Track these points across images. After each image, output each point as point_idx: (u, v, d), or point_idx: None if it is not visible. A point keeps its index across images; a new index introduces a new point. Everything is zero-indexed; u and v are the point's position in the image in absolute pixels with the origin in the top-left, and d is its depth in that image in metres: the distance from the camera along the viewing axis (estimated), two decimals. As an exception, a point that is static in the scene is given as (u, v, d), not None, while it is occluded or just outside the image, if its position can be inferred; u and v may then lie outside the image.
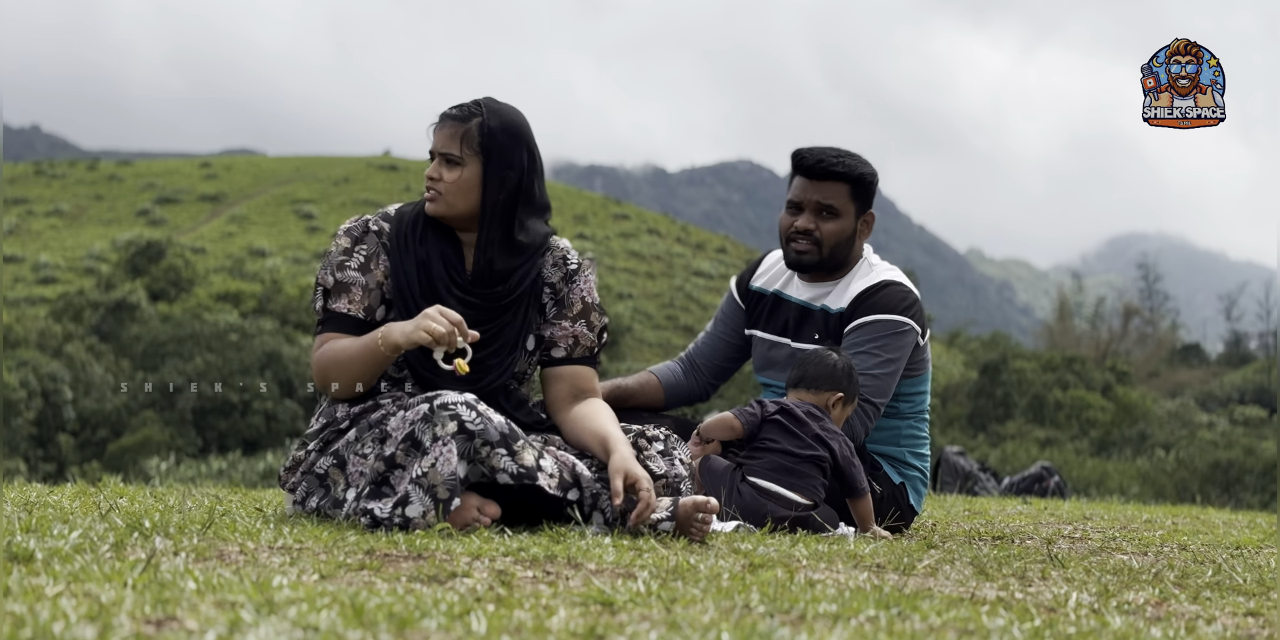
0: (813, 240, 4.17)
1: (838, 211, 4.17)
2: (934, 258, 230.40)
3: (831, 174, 4.17)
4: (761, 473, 3.72)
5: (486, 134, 3.43)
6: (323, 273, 3.41)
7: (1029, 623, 2.11)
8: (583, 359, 3.55)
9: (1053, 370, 36.48)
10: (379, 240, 3.44)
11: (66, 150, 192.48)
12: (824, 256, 4.17)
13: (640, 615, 1.96)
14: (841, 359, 3.93)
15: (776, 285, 4.32)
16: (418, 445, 3.11)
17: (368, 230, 3.45)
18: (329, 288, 3.38)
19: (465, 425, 3.08)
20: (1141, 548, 3.87)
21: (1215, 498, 20.96)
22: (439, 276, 3.42)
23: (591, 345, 3.55)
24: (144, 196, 63.21)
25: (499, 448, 3.09)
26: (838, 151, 4.21)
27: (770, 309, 4.31)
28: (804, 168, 4.20)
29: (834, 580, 2.53)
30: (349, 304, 3.37)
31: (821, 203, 4.16)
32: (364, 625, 1.73)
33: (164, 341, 34.58)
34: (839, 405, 3.89)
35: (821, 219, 4.17)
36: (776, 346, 4.25)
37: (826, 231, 4.17)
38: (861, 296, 4.14)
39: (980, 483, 12.19)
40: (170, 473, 23.28)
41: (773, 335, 4.28)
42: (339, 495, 3.23)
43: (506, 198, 3.44)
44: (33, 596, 1.82)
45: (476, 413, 3.11)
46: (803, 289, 4.26)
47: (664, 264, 62.54)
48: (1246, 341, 59.85)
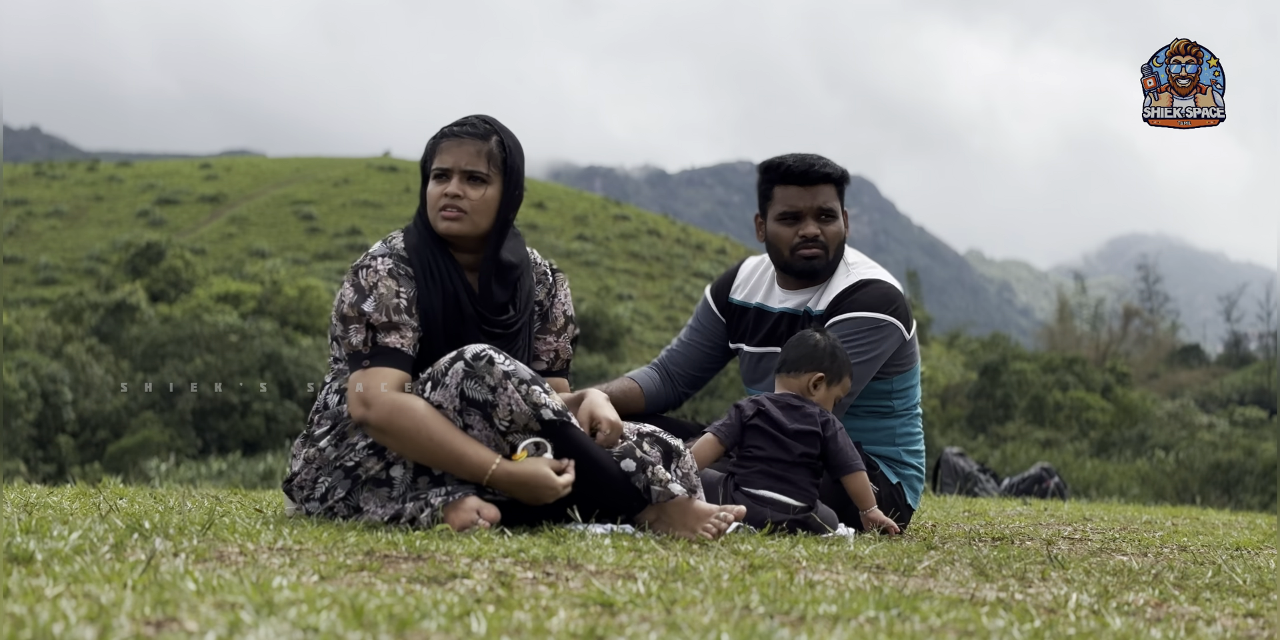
0: (820, 245, 4.19)
1: (835, 213, 4.21)
2: (934, 259, 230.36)
3: (822, 177, 4.20)
4: (752, 480, 3.71)
5: (507, 152, 3.45)
6: (373, 310, 3.32)
7: (1029, 624, 2.10)
8: (560, 371, 3.68)
9: (1052, 371, 36.47)
10: (410, 279, 3.40)
11: (66, 151, 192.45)
12: (830, 259, 4.20)
13: (640, 616, 1.96)
14: (824, 338, 3.87)
15: (758, 298, 4.32)
16: (474, 403, 3.18)
17: (404, 272, 3.40)
18: (379, 325, 3.32)
19: (501, 365, 3.18)
20: (1141, 549, 3.87)
21: (1215, 499, 20.96)
22: (467, 310, 3.43)
23: (568, 357, 3.69)
24: (144, 197, 63.20)
25: (534, 385, 3.20)
26: (813, 155, 4.26)
27: (754, 322, 4.30)
28: (793, 175, 4.21)
29: (834, 581, 2.53)
30: (401, 339, 3.33)
31: (822, 207, 4.19)
32: (364, 626, 1.73)
33: (164, 342, 34.57)
34: (821, 386, 3.83)
35: (824, 223, 4.20)
36: (769, 357, 4.22)
37: (831, 234, 4.19)
38: (840, 296, 4.14)
39: (980, 484, 12.18)
40: (170, 474, 23.29)
41: (761, 348, 4.26)
42: (380, 475, 3.26)
43: (511, 217, 3.49)
44: (33, 597, 1.81)
45: (504, 355, 3.23)
46: (785, 297, 4.26)
47: (664, 265, 62.54)
48: (1246, 342, 59.81)
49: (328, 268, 52.88)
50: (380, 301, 3.32)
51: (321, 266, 53.12)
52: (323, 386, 3.51)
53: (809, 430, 3.73)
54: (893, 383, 4.19)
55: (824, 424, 3.76)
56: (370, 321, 3.31)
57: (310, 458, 3.35)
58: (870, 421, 4.19)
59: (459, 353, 3.23)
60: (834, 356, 3.85)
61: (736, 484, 3.72)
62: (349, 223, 59.26)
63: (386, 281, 3.35)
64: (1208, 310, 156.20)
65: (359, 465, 3.28)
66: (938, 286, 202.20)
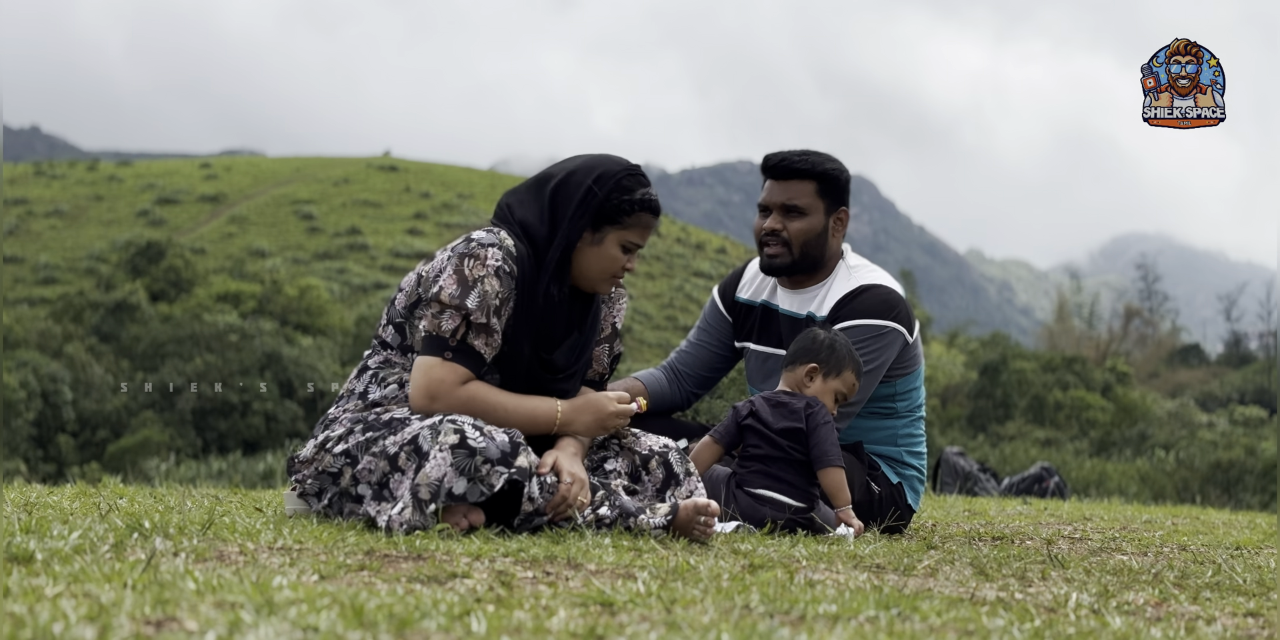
0: (781, 241, 4.13)
1: (804, 210, 4.12)
2: (934, 258, 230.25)
3: (794, 172, 4.13)
4: (750, 480, 3.71)
5: None
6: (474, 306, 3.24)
7: (1029, 623, 2.10)
8: (594, 381, 3.58)
9: (1052, 371, 36.46)
10: (511, 278, 3.32)
11: (66, 151, 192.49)
12: (795, 257, 4.12)
13: (640, 616, 1.96)
14: (826, 334, 3.85)
15: (764, 296, 4.28)
16: (419, 451, 3.11)
17: (509, 271, 3.31)
18: (475, 324, 3.26)
19: (467, 440, 3.08)
20: (1141, 548, 3.87)
21: (1215, 498, 20.96)
22: (560, 317, 3.38)
23: (602, 370, 3.59)
24: (144, 197, 63.19)
25: (498, 466, 3.08)
26: (803, 151, 4.19)
27: (761, 320, 4.27)
28: (767, 168, 4.18)
29: (834, 581, 2.53)
30: (485, 345, 3.28)
31: (786, 203, 4.12)
32: (364, 626, 1.73)
33: (164, 342, 34.56)
34: (817, 377, 3.80)
35: (789, 218, 4.13)
36: (774, 358, 4.21)
37: (794, 230, 4.11)
38: (840, 302, 4.09)
39: (980, 483, 12.19)
40: (170, 473, 23.28)
41: (768, 347, 4.24)
42: (351, 491, 3.23)
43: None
44: (33, 597, 1.81)
45: (481, 431, 3.11)
46: (789, 298, 4.22)
47: (664, 264, 62.52)
48: (1246, 342, 59.80)
49: (328, 267, 52.88)
50: (484, 301, 3.25)
51: (321, 266, 53.12)
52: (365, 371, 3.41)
53: (794, 427, 3.71)
54: (896, 386, 4.16)
55: (808, 416, 3.71)
56: (469, 318, 3.25)
57: (307, 459, 3.34)
58: (872, 422, 4.18)
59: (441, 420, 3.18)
60: (832, 349, 3.81)
61: (738, 483, 3.72)
62: (349, 222, 59.25)
63: (492, 280, 3.26)
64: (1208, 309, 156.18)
65: (341, 472, 3.28)
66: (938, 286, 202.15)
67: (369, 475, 3.19)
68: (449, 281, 3.25)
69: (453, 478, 3.04)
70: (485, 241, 3.29)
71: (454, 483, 3.04)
